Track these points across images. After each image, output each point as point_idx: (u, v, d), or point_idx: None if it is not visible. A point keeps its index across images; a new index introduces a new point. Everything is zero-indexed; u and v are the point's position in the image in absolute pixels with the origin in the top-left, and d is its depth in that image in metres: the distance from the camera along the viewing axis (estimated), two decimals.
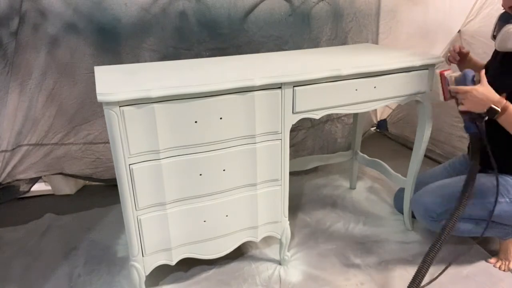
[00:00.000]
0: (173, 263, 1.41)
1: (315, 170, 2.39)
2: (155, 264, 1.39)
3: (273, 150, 1.39)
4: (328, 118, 2.43)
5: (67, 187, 2.20)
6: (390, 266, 1.61)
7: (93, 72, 1.39)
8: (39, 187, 2.18)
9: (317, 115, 1.42)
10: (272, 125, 1.35)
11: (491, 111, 1.28)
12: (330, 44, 2.21)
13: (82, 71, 1.88)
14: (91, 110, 1.99)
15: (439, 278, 1.52)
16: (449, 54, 1.64)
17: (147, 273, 1.38)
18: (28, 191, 2.15)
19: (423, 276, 1.27)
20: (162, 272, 1.53)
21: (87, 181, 2.27)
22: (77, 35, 1.81)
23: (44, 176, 2.13)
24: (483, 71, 1.35)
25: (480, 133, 1.37)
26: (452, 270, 1.56)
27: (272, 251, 1.70)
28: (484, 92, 1.29)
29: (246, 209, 1.44)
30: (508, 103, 1.28)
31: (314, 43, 2.17)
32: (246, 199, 1.42)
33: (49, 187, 2.20)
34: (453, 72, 1.42)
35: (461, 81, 1.37)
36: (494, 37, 1.44)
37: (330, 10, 2.15)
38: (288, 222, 1.54)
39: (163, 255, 1.39)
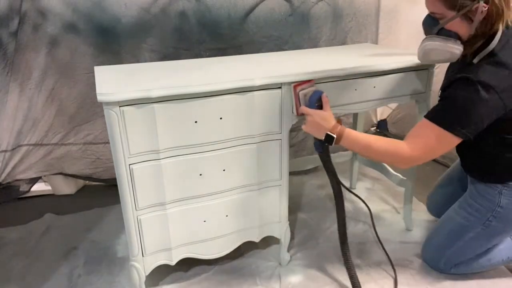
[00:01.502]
0: (173, 263, 1.41)
1: (315, 170, 2.38)
2: (155, 264, 1.39)
3: (273, 150, 1.39)
4: None
5: (67, 187, 2.20)
6: (390, 266, 1.61)
7: (93, 72, 1.39)
8: (39, 187, 2.18)
9: None
10: (272, 125, 1.35)
11: (327, 138, 1.26)
12: (330, 44, 2.21)
13: (82, 71, 1.88)
14: (91, 110, 1.99)
15: (439, 277, 1.53)
16: None
17: (147, 273, 1.38)
18: (28, 191, 2.15)
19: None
20: (162, 272, 1.53)
21: (87, 181, 2.27)
22: (77, 35, 1.81)
23: (44, 176, 2.13)
24: (326, 98, 1.29)
25: (325, 154, 1.36)
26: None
27: (272, 251, 1.70)
28: (320, 118, 1.26)
29: (246, 209, 1.44)
30: (343, 128, 1.26)
31: (314, 43, 2.17)
32: (246, 199, 1.42)
33: (49, 187, 2.20)
34: (310, 86, 1.32)
35: (307, 100, 1.30)
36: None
37: (330, 10, 2.15)
38: (288, 222, 1.54)
39: (163, 255, 1.39)
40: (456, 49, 1.20)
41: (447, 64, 1.47)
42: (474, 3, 1.12)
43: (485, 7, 1.12)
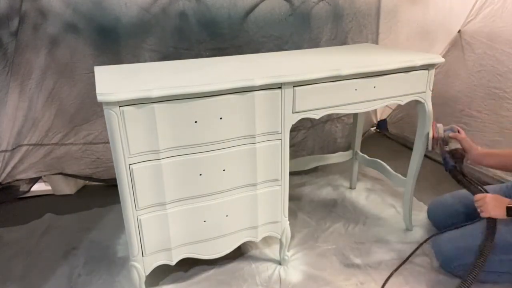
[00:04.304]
0: (173, 263, 1.41)
1: (315, 170, 2.38)
2: (155, 264, 1.39)
3: (273, 150, 1.39)
4: (328, 118, 2.43)
5: (67, 187, 2.20)
6: (390, 266, 1.61)
7: (93, 72, 1.39)
8: (39, 187, 2.18)
9: (317, 115, 1.42)
10: (272, 125, 1.35)
11: (509, 210, 1.35)
12: (330, 44, 2.21)
13: (82, 71, 1.88)
14: (91, 110, 1.99)
15: (436, 276, 1.53)
16: None
17: (147, 273, 1.38)
18: (28, 191, 2.15)
19: None
20: (162, 272, 1.53)
21: (87, 181, 2.27)
22: (77, 35, 1.81)
23: (44, 176, 2.13)
24: (461, 131, 1.54)
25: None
26: None
27: (272, 251, 1.70)
28: (495, 196, 1.39)
29: (246, 209, 1.44)
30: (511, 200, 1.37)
31: (314, 43, 2.18)
32: (246, 199, 1.42)
33: (49, 187, 2.20)
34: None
35: (442, 132, 1.58)
36: None
37: (330, 10, 2.15)
38: (288, 222, 1.54)
39: (163, 255, 1.39)
40: None
41: (448, 65, 1.47)
42: None
43: None
